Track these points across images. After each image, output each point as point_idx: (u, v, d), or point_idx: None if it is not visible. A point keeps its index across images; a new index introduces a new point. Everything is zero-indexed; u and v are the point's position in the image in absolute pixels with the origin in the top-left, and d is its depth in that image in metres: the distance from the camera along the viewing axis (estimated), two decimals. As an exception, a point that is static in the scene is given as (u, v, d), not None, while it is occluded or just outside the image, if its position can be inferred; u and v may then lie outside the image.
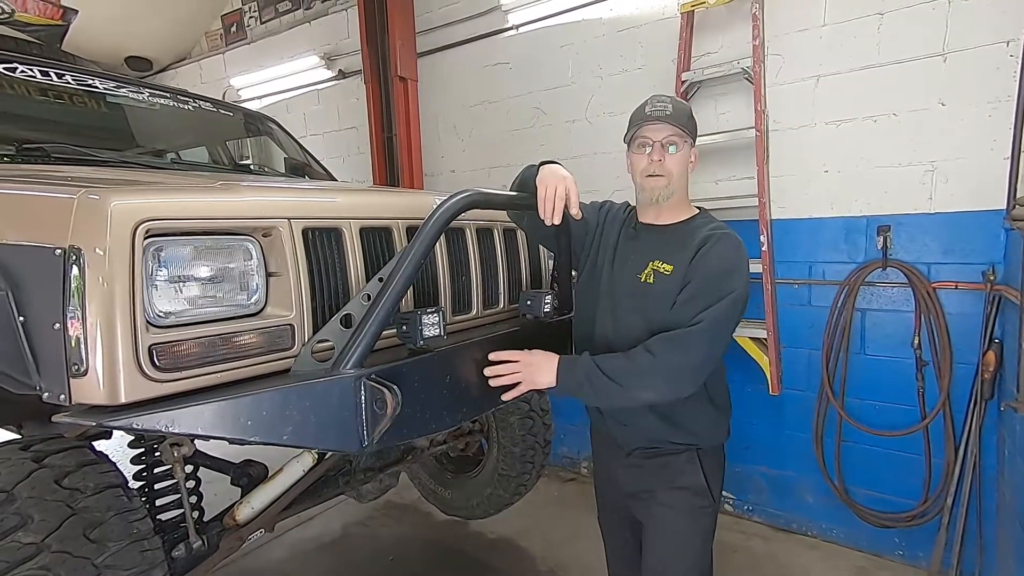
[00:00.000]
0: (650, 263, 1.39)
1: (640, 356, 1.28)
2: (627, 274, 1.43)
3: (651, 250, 1.41)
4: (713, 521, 1.49)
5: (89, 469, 1.18)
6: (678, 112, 1.36)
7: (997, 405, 2.29)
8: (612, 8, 3.16)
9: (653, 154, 1.37)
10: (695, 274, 1.32)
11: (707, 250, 1.33)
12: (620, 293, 1.43)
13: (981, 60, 2.27)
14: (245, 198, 1.26)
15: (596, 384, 1.30)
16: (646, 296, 1.38)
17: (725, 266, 1.32)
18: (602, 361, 1.31)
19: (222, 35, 5.09)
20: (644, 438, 1.47)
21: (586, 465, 3.61)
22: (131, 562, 1.12)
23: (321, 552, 2.83)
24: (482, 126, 3.75)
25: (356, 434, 1.19)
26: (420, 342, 1.30)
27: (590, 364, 1.31)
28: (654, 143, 1.37)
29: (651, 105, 1.38)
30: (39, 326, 1.03)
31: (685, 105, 1.41)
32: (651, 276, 1.38)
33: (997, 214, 2.26)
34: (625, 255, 1.46)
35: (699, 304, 1.28)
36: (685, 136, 1.37)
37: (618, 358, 1.30)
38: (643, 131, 1.38)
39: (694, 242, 1.35)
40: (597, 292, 1.48)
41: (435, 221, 1.23)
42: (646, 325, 1.36)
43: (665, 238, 1.42)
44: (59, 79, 2.06)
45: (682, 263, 1.35)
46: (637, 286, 1.40)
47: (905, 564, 2.60)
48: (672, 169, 1.37)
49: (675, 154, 1.37)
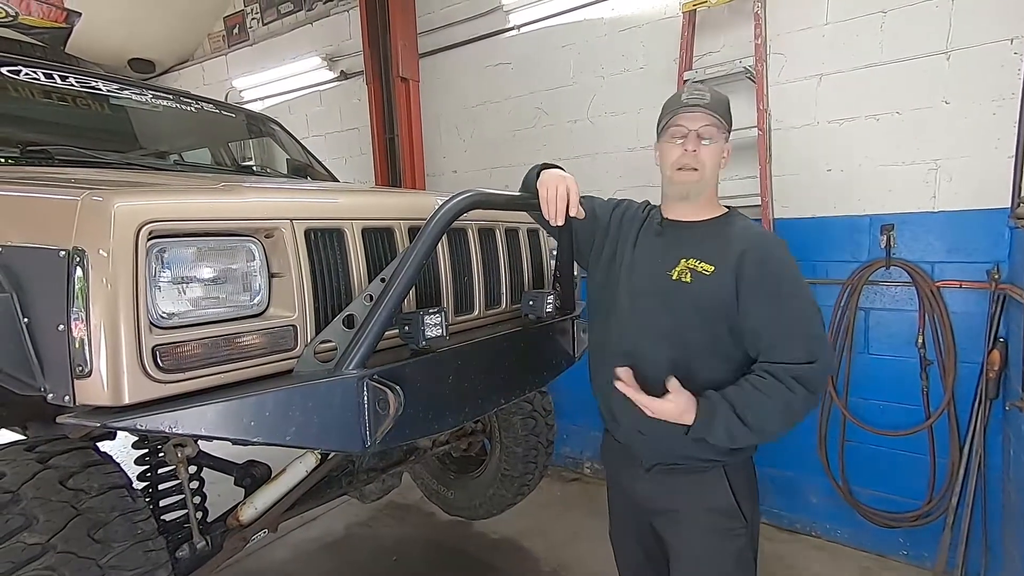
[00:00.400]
0: (683, 260, 1.29)
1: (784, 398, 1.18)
2: (652, 271, 1.33)
3: (683, 247, 1.31)
4: (748, 542, 1.35)
5: (93, 470, 1.19)
6: (716, 102, 1.28)
7: (1002, 404, 2.28)
8: (613, 8, 3.16)
9: (687, 144, 1.28)
10: (762, 288, 1.22)
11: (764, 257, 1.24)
12: (642, 291, 1.34)
13: (985, 58, 2.26)
14: (248, 199, 1.27)
15: (733, 432, 1.19)
16: (678, 294, 1.28)
17: (791, 272, 1.26)
18: (741, 407, 1.19)
19: (224, 37, 5.10)
20: (665, 452, 1.34)
21: (589, 466, 3.61)
22: (135, 562, 1.13)
23: (324, 552, 2.83)
24: (484, 126, 3.75)
25: (359, 434, 1.19)
26: (422, 343, 1.31)
27: (730, 415, 1.19)
28: (688, 132, 1.28)
29: (688, 93, 1.29)
30: (43, 327, 1.04)
31: (723, 96, 1.32)
32: (687, 274, 1.28)
33: (1001, 212, 2.26)
34: (649, 252, 1.36)
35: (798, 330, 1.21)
36: (721, 128, 1.29)
37: (756, 399, 1.19)
38: (677, 119, 1.29)
39: (739, 245, 1.26)
40: (615, 292, 1.39)
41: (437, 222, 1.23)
42: (673, 324, 1.28)
43: (699, 236, 1.32)
44: (62, 81, 2.07)
45: (726, 265, 1.25)
46: (667, 283, 1.29)
47: (910, 564, 2.59)
48: (706, 161, 1.28)
49: (710, 146, 1.28)
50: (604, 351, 1.42)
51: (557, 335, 1.89)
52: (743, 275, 1.24)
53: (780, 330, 1.22)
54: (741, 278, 1.24)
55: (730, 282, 1.24)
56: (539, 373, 1.84)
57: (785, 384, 1.18)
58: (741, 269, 1.24)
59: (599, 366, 1.45)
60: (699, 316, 1.27)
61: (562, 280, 1.89)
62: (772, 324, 1.23)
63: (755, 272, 1.23)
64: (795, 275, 1.26)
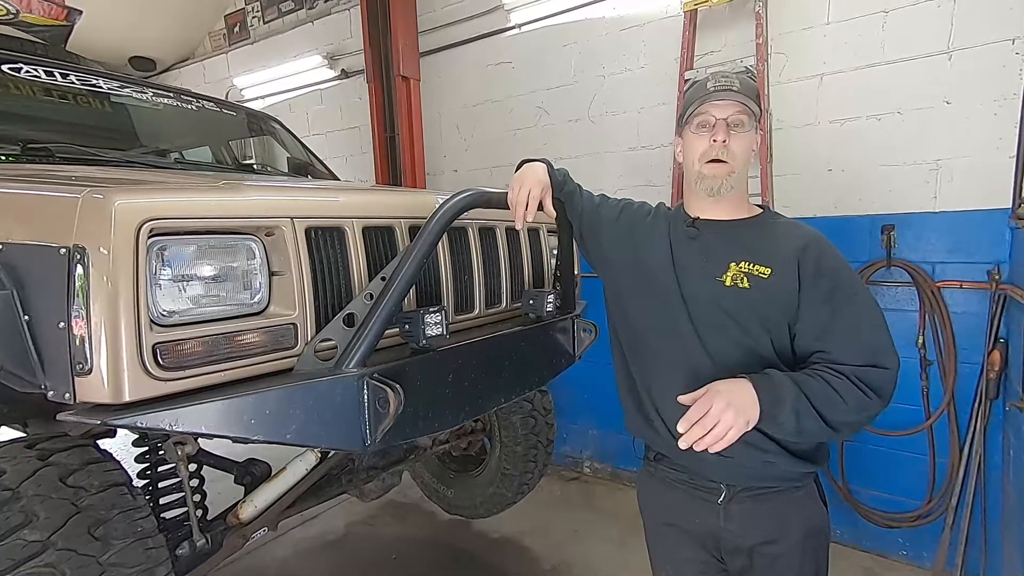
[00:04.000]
0: (732, 265, 1.16)
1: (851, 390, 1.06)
2: (700, 276, 1.19)
3: (728, 249, 1.18)
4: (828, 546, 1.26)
5: (94, 467, 1.19)
6: (745, 87, 1.16)
7: (1002, 404, 2.28)
8: (615, 7, 3.15)
9: (716, 134, 1.14)
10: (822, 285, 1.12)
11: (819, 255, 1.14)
12: (695, 297, 1.18)
13: (987, 58, 2.25)
14: (248, 197, 1.27)
15: (802, 414, 1.04)
16: (737, 301, 1.14)
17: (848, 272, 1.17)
18: (808, 387, 1.05)
19: (225, 35, 5.10)
20: (753, 475, 1.18)
21: (589, 465, 3.61)
22: (135, 560, 1.13)
23: (324, 551, 2.83)
24: (484, 125, 3.75)
25: (359, 433, 1.19)
26: (423, 341, 1.31)
27: (796, 392, 1.04)
28: (717, 121, 1.15)
29: (714, 81, 1.17)
30: (44, 325, 1.04)
31: (752, 82, 1.21)
32: (743, 279, 1.15)
33: (1002, 213, 2.25)
34: (691, 256, 1.22)
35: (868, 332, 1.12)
36: (752, 116, 1.16)
37: (822, 385, 1.06)
38: (704, 107, 1.16)
39: (793, 242, 1.15)
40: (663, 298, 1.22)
41: (437, 220, 1.23)
42: (741, 334, 1.15)
43: (741, 236, 1.19)
44: (63, 79, 2.07)
45: (784, 265, 1.13)
46: (721, 290, 1.16)
47: (909, 564, 2.59)
48: (738, 153, 1.15)
49: (741, 135, 1.15)
50: (654, 367, 1.26)
51: (557, 334, 1.88)
52: (805, 273, 1.13)
53: (847, 331, 1.11)
54: (804, 276, 1.13)
55: (791, 282, 1.13)
56: (539, 372, 1.83)
57: (857, 386, 1.07)
58: (803, 267, 1.13)
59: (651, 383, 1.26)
60: (763, 322, 1.15)
61: (563, 279, 1.89)
62: (838, 324, 1.12)
63: (814, 269, 1.13)
64: (852, 273, 1.17)
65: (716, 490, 1.21)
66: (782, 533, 1.18)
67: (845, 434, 1.11)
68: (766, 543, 1.19)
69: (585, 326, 1.96)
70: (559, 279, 1.93)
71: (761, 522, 1.19)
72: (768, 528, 1.19)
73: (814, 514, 1.21)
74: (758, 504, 1.19)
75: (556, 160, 1.49)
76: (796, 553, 1.19)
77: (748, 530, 1.20)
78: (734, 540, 1.22)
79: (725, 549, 1.24)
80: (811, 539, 1.20)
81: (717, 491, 1.21)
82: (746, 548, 1.21)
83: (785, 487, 1.19)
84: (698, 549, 1.27)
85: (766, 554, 1.20)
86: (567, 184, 1.43)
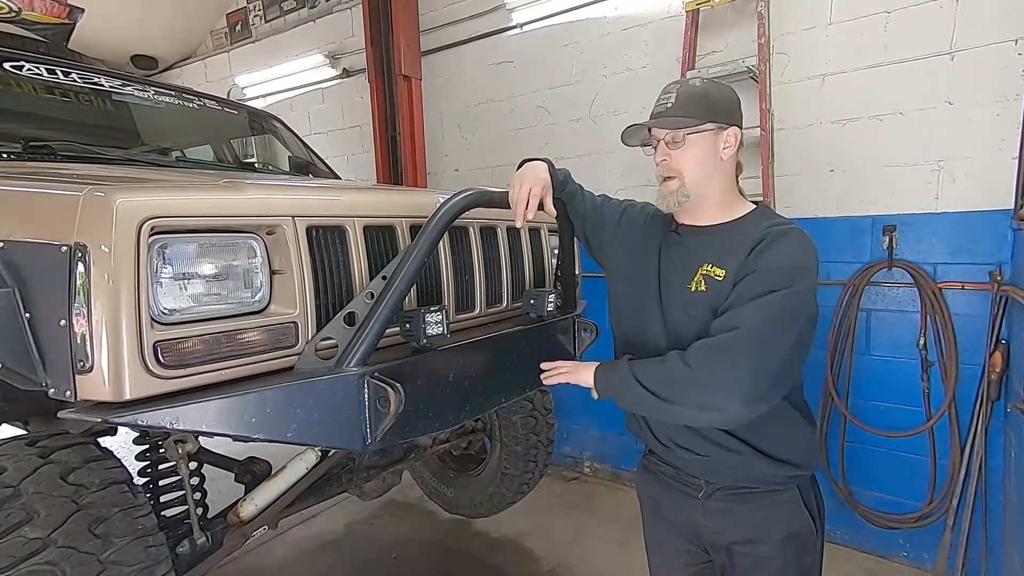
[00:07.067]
0: (699, 269, 1.19)
1: (674, 364, 1.10)
2: (676, 283, 1.23)
3: (700, 254, 1.21)
4: (819, 554, 1.26)
5: (94, 465, 1.19)
6: (682, 100, 1.17)
7: (1004, 406, 2.27)
8: (616, 7, 3.15)
9: (657, 155, 1.22)
10: (745, 274, 1.11)
11: (763, 247, 1.11)
12: (670, 304, 1.24)
13: (989, 59, 2.25)
14: (249, 196, 1.26)
15: (634, 393, 1.14)
16: (697, 305, 1.18)
17: (782, 262, 1.09)
18: (640, 369, 1.14)
19: (227, 34, 5.10)
20: (730, 475, 1.21)
21: (589, 465, 3.61)
22: (135, 558, 1.13)
23: (324, 550, 2.84)
24: (486, 125, 3.75)
25: (359, 432, 1.19)
26: (423, 340, 1.31)
27: (626, 372, 1.16)
28: (659, 142, 1.22)
29: (657, 100, 1.21)
30: (45, 323, 1.04)
31: (696, 86, 1.19)
32: (702, 283, 1.18)
33: (1004, 214, 2.25)
34: (672, 262, 1.26)
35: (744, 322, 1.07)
36: (697, 123, 1.16)
37: (654, 364, 1.14)
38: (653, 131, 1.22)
39: (749, 241, 1.14)
40: (645, 301, 1.28)
41: (438, 219, 1.23)
42: (696, 337, 1.15)
43: (715, 240, 1.21)
44: (65, 77, 2.07)
45: (735, 266, 1.14)
46: (687, 296, 1.20)
47: (910, 566, 2.58)
48: (684, 166, 1.18)
49: (681, 150, 1.17)
50: None
51: (558, 334, 1.88)
52: (746, 266, 1.12)
53: (732, 314, 1.09)
54: (743, 270, 1.12)
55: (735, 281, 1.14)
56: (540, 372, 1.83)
57: (683, 356, 1.09)
58: (747, 261, 1.13)
59: None
60: None
61: (563, 279, 1.89)
62: (728, 305, 1.11)
63: (753, 262, 1.11)
64: (784, 266, 1.09)
65: (697, 486, 1.26)
66: (761, 535, 1.21)
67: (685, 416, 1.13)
68: (744, 542, 1.22)
69: (586, 326, 1.96)
70: (560, 279, 1.93)
71: (738, 521, 1.22)
72: (746, 528, 1.22)
73: (798, 520, 1.21)
74: (737, 503, 1.22)
75: (557, 160, 1.49)
76: (779, 557, 1.20)
77: (725, 527, 1.24)
78: (711, 536, 1.27)
79: (705, 543, 1.30)
80: (793, 544, 1.21)
81: (698, 487, 1.26)
82: (723, 545, 1.25)
83: (766, 489, 1.21)
84: (684, 540, 1.33)
85: (747, 554, 1.23)
86: (568, 184, 1.46)
